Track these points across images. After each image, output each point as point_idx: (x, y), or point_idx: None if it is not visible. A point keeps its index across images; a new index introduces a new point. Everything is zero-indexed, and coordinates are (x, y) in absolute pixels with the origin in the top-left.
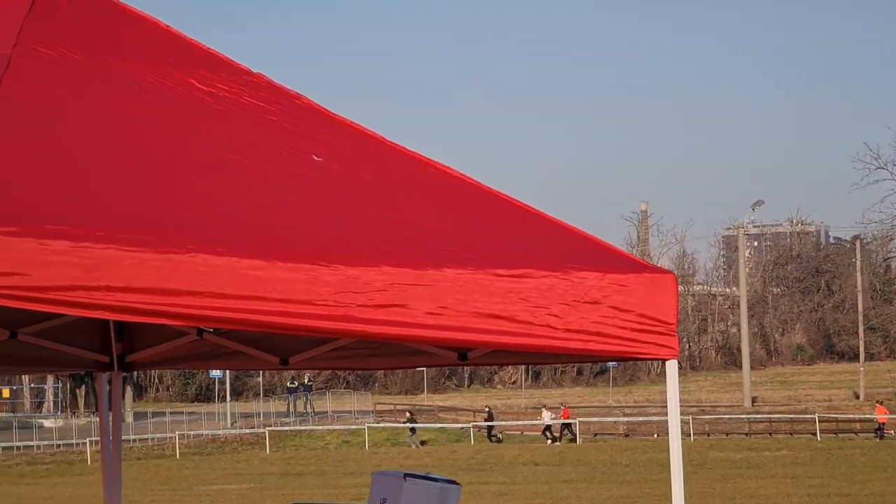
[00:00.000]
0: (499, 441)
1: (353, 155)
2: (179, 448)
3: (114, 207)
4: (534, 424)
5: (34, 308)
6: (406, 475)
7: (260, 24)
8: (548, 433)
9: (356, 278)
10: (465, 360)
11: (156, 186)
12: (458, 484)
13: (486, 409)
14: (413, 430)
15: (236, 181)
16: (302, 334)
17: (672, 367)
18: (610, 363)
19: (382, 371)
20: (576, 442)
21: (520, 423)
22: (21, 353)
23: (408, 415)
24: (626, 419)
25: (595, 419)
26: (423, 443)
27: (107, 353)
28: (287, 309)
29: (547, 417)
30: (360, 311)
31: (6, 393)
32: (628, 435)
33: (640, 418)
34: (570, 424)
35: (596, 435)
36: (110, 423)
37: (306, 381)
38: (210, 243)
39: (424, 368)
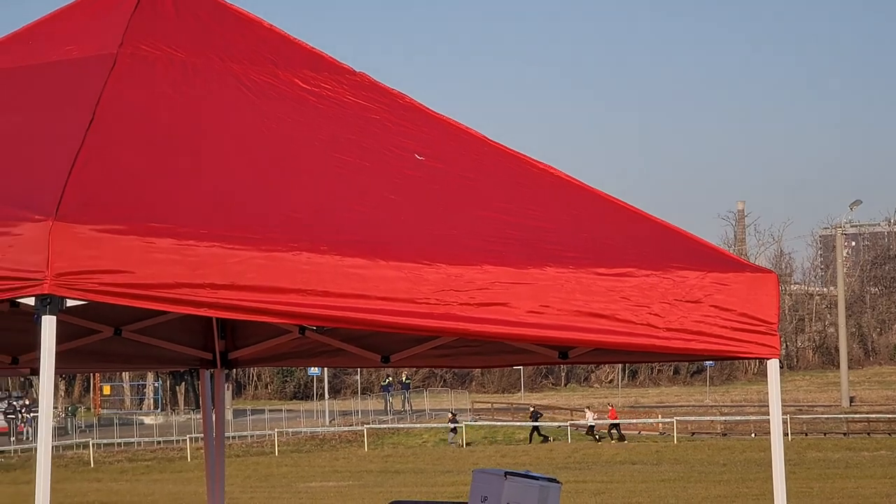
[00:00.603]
0: (546, 440)
1: (455, 154)
2: (278, 445)
3: (219, 206)
4: (633, 423)
5: (139, 305)
6: (507, 473)
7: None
8: (592, 434)
9: (458, 277)
10: (565, 358)
11: (260, 185)
12: (558, 482)
13: (531, 409)
14: (455, 430)
15: (340, 180)
16: (403, 332)
17: (773, 366)
18: (707, 362)
19: (480, 369)
20: (623, 441)
21: (617, 421)
22: (125, 351)
23: (450, 415)
24: (723, 418)
25: (692, 418)
26: (468, 444)
27: (210, 350)
28: (389, 307)
29: (590, 418)
30: (462, 309)
31: (107, 390)
32: (725, 434)
33: (738, 417)
34: (617, 424)
35: (693, 434)
36: (213, 420)
37: (404, 378)
38: (314, 242)
39: (521, 367)
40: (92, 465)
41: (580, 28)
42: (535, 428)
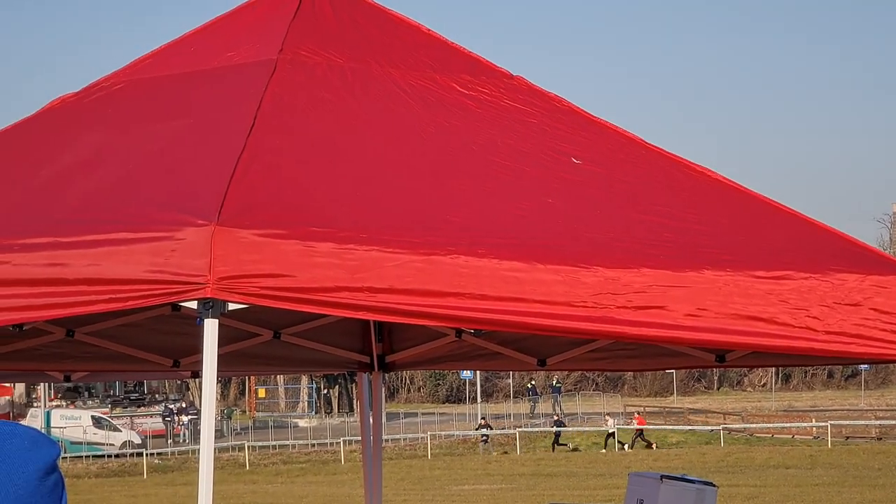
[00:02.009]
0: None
1: (612, 157)
2: (431, 448)
3: (378, 210)
4: (786, 427)
5: (299, 309)
6: (663, 476)
7: None
8: (612, 440)
9: (615, 280)
10: (722, 361)
11: (418, 189)
12: (714, 486)
13: (556, 418)
14: (486, 438)
15: (497, 184)
16: (561, 335)
17: None
18: (862, 366)
19: (632, 373)
20: (651, 448)
21: (770, 425)
22: (284, 354)
23: (482, 421)
24: (878, 422)
25: (847, 422)
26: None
27: (367, 353)
28: (546, 310)
29: (611, 424)
30: (620, 312)
31: (262, 393)
32: (881, 438)
33: (893, 422)
34: (642, 431)
35: (847, 438)
36: (370, 423)
37: (555, 382)
38: (471, 245)
39: (674, 370)
40: (247, 468)
41: (719, 27)
42: (557, 434)
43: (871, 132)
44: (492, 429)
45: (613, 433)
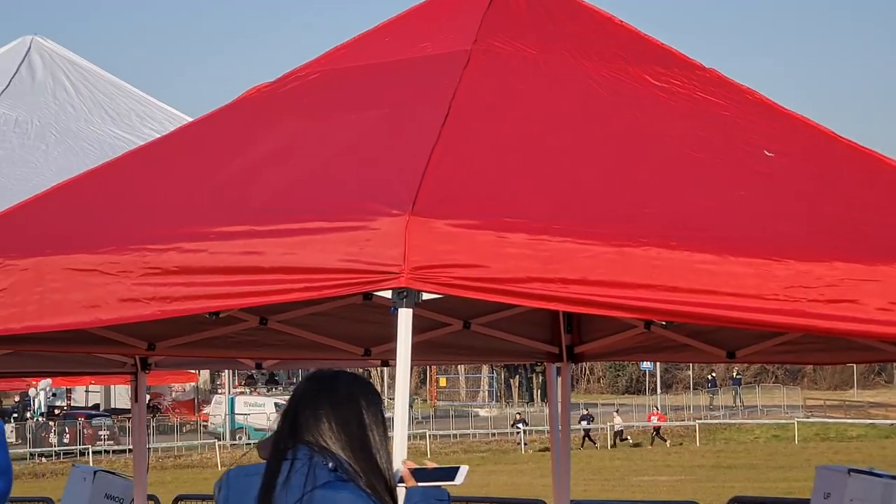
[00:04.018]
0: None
1: (804, 150)
2: (611, 439)
3: (570, 201)
4: None
5: (492, 299)
6: (850, 470)
7: None
8: (619, 438)
9: (807, 273)
10: None
11: (611, 181)
12: None
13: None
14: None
15: (689, 176)
16: (751, 328)
17: None
18: None
19: (811, 366)
20: (665, 442)
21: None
22: (473, 343)
23: (517, 416)
24: None
25: None
26: (800, 441)
27: (556, 344)
28: (737, 303)
29: (618, 422)
30: (811, 305)
31: (443, 382)
32: None
33: None
34: (660, 429)
35: None
36: (559, 413)
37: (735, 374)
38: (664, 237)
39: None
40: (428, 456)
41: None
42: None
43: None
44: (527, 424)
45: (621, 431)
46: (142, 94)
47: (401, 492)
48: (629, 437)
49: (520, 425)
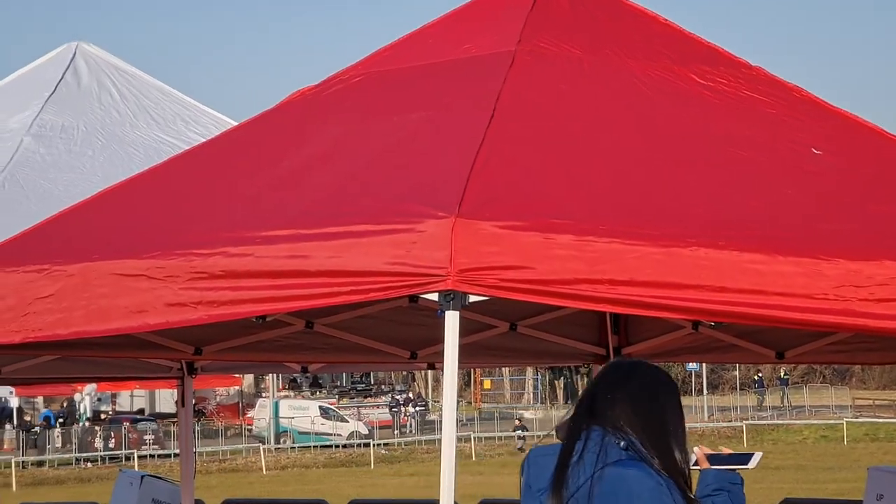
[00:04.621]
0: None
1: (853, 148)
2: None
3: (617, 201)
4: None
5: (539, 301)
6: None
7: None
8: None
9: (857, 272)
10: None
11: (658, 181)
12: None
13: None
14: (523, 437)
15: (737, 175)
16: (800, 328)
17: None
18: None
19: (860, 366)
20: None
21: None
22: (519, 346)
23: (517, 422)
24: None
25: None
26: (849, 441)
27: (602, 345)
28: (786, 303)
29: None
30: (861, 305)
31: (487, 384)
32: None
33: None
34: None
35: None
36: None
37: (782, 374)
38: (711, 237)
39: None
40: (473, 458)
41: None
42: None
43: None
44: (527, 430)
45: None
46: (187, 98)
47: (695, 476)
48: None
49: (519, 431)
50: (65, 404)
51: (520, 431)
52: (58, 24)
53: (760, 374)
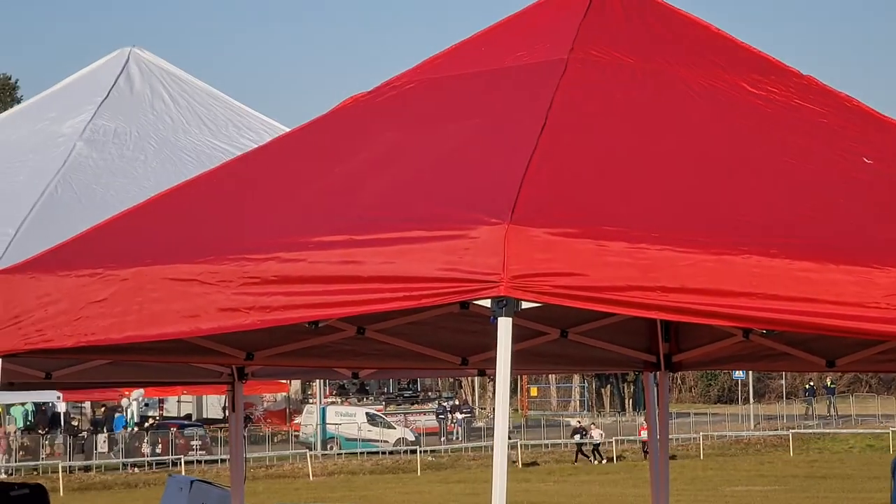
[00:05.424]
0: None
1: None
2: (703, 449)
3: (669, 209)
4: None
5: (591, 308)
6: None
7: None
8: (596, 453)
9: None
10: None
11: (709, 189)
12: None
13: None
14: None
15: (788, 184)
16: (852, 336)
17: None
18: None
19: None
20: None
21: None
22: (569, 353)
23: (577, 423)
24: None
25: None
26: None
27: (653, 352)
28: (838, 311)
29: (596, 436)
30: None
31: (534, 392)
32: None
33: None
34: (644, 442)
35: None
36: (657, 423)
37: (829, 383)
38: (763, 245)
39: None
40: (520, 466)
41: None
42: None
43: None
44: (585, 434)
45: (598, 445)
46: (238, 104)
47: None
48: (602, 454)
49: (577, 436)
50: (99, 411)
51: (577, 436)
52: (112, 30)
53: (811, 383)
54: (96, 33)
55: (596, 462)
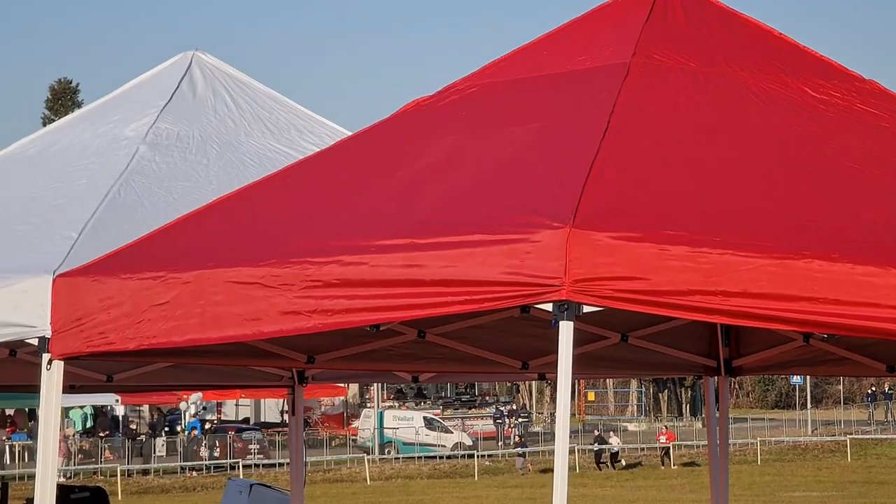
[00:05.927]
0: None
1: None
2: (761, 454)
3: (731, 213)
4: None
5: (653, 311)
6: None
7: None
8: (614, 460)
9: None
10: None
11: (770, 193)
12: None
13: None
14: (523, 454)
15: (850, 188)
16: None
17: None
18: None
19: None
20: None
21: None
22: (629, 357)
23: (518, 438)
24: None
25: None
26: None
27: (713, 357)
28: None
29: (615, 443)
30: None
31: (592, 396)
32: None
33: None
34: (668, 449)
35: None
36: (717, 428)
37: (887, 388)
38: (825, 250)
39: None
40: (577, 471)
41: None
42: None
43: None
44: (526, 446)
45: (616, 453)
46: (301, 107)
47: None
48: (622, 461)
49: (519, 449)
50: (155, 415)
51: (520, 449)
52: (174, 34)
53: (873, 388)
54: (155, 38)
55: (614, 469)
